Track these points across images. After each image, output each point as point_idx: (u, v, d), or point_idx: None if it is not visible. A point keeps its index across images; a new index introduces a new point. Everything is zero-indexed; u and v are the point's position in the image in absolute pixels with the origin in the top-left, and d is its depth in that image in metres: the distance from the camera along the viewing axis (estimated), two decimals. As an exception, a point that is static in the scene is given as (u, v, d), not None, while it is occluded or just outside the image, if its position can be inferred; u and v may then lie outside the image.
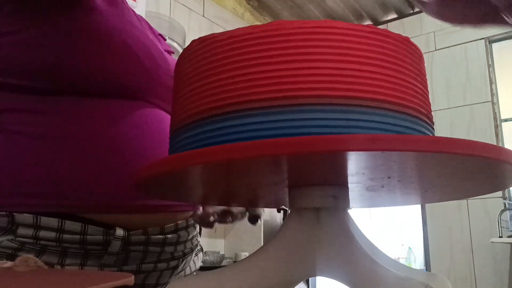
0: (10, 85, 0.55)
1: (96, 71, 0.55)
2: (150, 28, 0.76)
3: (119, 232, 0.55)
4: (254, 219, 0.68)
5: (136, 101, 0.59)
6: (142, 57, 0.58)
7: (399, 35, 0.36)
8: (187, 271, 0.69)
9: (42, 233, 0.52)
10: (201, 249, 0.76)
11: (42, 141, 0.53)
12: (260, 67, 0.33)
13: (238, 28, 0.36)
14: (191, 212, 0.66)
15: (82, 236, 0.53)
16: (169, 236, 0.60)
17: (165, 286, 0.63)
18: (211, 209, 0.67)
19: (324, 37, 0.34)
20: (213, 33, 0.37)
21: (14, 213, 0.51)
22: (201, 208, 0.68)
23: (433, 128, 0.39)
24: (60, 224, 0.52)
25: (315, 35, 0.34)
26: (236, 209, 0.68)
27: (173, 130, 0.39)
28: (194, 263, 0.72)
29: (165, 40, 0.82)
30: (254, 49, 0.34)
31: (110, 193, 0.54)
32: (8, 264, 0.36)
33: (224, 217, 0.66)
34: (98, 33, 0.54)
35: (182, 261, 0.65)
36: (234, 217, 0.68)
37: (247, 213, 0.68)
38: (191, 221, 0.65)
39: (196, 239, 0.70)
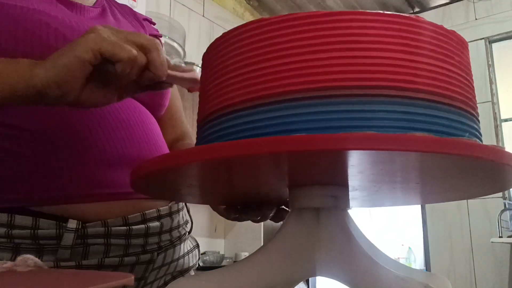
0: None
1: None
2: (132, 13, 0.74)
3: (72, 224, 0.52)
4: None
5: None
6: (46, 39, 0.53)
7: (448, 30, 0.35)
8: (181, 267, 0.66)
9: None
10: (197, 246, 0.72)
11: None
12: (273, 61, 0.33)
13: (246, 23, 0.35)
14: (165, 202, 0.62)
15: (33, 231, 0.51)
16: (134, 227, 0.57)
17: (143, 282, 0.60)
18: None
19: (370, 24, 0.33)
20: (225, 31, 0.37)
21: None
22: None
23: (478, 120, 0.37)
24: (9, 219, 0.51)
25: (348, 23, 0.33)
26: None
27: (201, 123, 0.39)
28: (189, 260, 0.68)
29: (154, 24, 0.78)
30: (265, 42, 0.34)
31: (60, 183, 0.52)
32: (8, 264, 0.36)
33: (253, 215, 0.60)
34: None
35: (159, 255, 0.61)
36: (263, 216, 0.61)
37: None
38: (165, 211, 0.61)
39: (179, 231, 0.65)
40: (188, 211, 0.71)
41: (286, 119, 0.32)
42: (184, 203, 0.68)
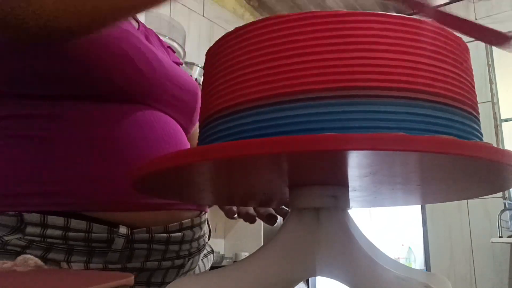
0: (13, 93, 0.57)
1: (93, 77, 0.57)
2: (159, 40, 0.79)
3: (123, 230, 0.56)
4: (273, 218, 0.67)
5: (138, 105, 0.61)
6: (137, 61, 0.59)
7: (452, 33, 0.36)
8: (196, 271, 0.70)
9: (49, 231, 0.53)
10: (212, 251, 0.78)
11: (46, 144, 0.56)
12: (270, 63, 0.33)
13: (249, 23, 0.35)
14: (197, 212, 0.67)
15: (87, 234, 0.55)
16: (173, 234, 0.61)
17: None
18: (262, 210, 0.68)
19: (377, 25, 0.33)
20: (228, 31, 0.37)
21: (22, 213, 0.53)
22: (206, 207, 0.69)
23: (478, 120, 0.38)
24: (66, 222, 0.54)
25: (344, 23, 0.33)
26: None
27: (203, 123, 0.39)
28: (204, 264, 0.73)
29: (174, 52, 0.85)
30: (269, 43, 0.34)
31: (114, 192, 0.56)
32: (8, 264, 0.36)
33: (270, 220, 0.67)
34: (94, 40, 0.56)
35: (188, 260, 0.65)
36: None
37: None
38: (197, 221, 0.66)
39: (204, 240, 0.70)
40: (207, 221, 0.76)
41: (286, 120, 0.32)
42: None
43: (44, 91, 0.57)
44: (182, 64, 0.81)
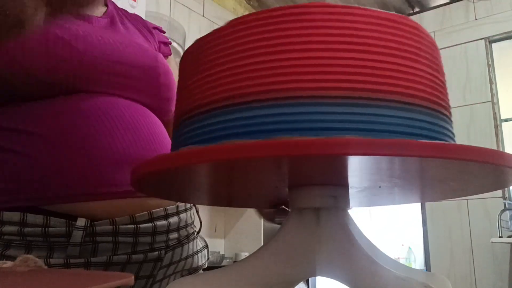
0: None
1: (26, 75, 0.55)
2: (141, 21, 0.77)
3: (80, 222, 0.54)
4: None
5: (82, 94, 0.59)
6: (54, 49, 0.57)
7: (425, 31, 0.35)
8: (189, 267, 0.67)
9: (6, 228, 0.53)
10: (206, 246, 0.74)
11: None
12: (259, 57, 0.33)
13: (233, 20, 0.35)
14: (168, 201, 0.63)
15: (44, 229, 0.53)
16: (142, 225, 0.58)
17: (151, 279, 0.61)
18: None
19: (352, 24, 0.33)
20: (214, 29, 0.37)
21: None
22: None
23: (451, 120, 0.38)
24: (22, 217, 0.53)
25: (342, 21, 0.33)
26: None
27: (179, 121, 0.39)
28: (198, 259, 0.70)
29: (164, 32, 0.82)
30: (254, 38, 0.34)
31: (70, 182, 0.54)
32: (8, 264, 0.36)
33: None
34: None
35: (166, 253, 0.62)
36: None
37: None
38: (172, 210, 0.63)
39: (187, 230, 0.67)
40: (197, 211, 0.73)
41: (278, 118, 0.32)
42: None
43: None
44: (170, 43, 0.79)
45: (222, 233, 3.00)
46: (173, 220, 0.63)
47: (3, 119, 0.57)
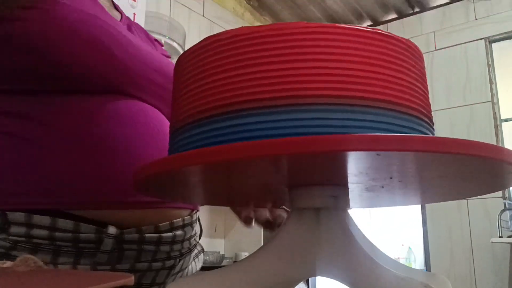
0: None
1: (67, 66, 0.54)
2: (145, 33, 0.78)
3: (112, 230, 0.54)
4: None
5: (119, 96, 0.58)
6: (112, 48, 0.57)
7: (399, 37, 0.36)
8: (187, 272, 0.68)
9: (35, 231, 0.51)
10: (202, 250, 0.75)
11: (30, 141, 0.54)
12: (261, 66, 0.33)
13: (240, 28, 0.35)
14: (188, 210, 0.65)
15: (74, 234, 0.53)
16: (164, 235, 0.59)
17: (162, 286, 0.62)
18: (278, 211, 0.64)
19: (326, 37, 0.34)
20: (215, 33, 0.37)
21: (6, 212, 0.51)
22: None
23: (433, 128, 0.39)
24: (52, 222, 0.52)
25: (318, 35, 0.34)
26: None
27: (173, 129, 0.39)
28: (195, 264, 0.71)
29: (162, 46, 0.83)
30: (255, 48, 0.34)
31: (102, 190, 0.54)
32: (8, 264, 0.36)
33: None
34: (61, 26, 0.54)
35: (179, 261, 0.64)
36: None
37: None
38: (188, 220, 0.64)
39: (195, 239, 0.68)
40: (199, 219, 0.74)
41: (257, 126, 0.32)
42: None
43: (12, 86, 0.55)
44: (169, 57, 0.80)
45: (222, 233, 3.00)
46: (188, 229, 0.64)
47: (35, 112, 0.55)
